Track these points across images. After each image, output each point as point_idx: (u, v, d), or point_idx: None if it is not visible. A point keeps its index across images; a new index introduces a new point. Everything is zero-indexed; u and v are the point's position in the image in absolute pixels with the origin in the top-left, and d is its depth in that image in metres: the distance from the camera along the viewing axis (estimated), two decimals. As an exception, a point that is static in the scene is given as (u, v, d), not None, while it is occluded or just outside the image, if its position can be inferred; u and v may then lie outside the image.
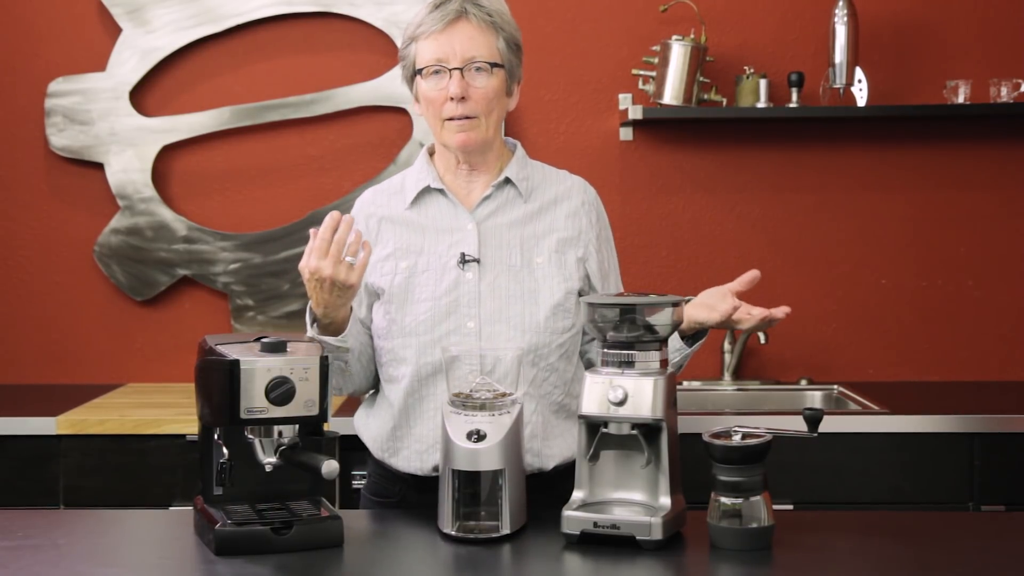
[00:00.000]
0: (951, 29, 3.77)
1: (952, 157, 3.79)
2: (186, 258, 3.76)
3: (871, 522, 2.15)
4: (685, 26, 3.67)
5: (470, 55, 2.23)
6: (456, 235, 2.29)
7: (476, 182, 2.33)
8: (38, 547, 1.99)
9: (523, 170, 2.35)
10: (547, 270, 2.29)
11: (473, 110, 2.23)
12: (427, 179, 2.33)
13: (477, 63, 2.23)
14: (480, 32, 2.24)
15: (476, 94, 2.23)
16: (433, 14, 2.23)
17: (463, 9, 2.23)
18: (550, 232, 2.32)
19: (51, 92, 3.72)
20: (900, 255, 3.81)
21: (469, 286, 2.26)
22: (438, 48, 2.23)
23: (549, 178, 2.39)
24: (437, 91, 2.24)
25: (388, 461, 2.32)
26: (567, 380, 2.32)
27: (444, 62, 2.22)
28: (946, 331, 3.81)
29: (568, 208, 2.35)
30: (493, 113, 2.27)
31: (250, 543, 1.93)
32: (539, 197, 2.35)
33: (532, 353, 2.25)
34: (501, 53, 2.26)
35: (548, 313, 2.26)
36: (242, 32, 3.76)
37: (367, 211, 2.35)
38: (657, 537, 1.93)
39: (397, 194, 2.36)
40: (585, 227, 2.35)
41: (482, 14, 2.24)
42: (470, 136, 2.25)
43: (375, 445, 2.34)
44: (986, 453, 3.16)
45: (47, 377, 3.79)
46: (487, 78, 2.24)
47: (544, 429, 2.28)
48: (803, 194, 3.80)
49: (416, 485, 2.30)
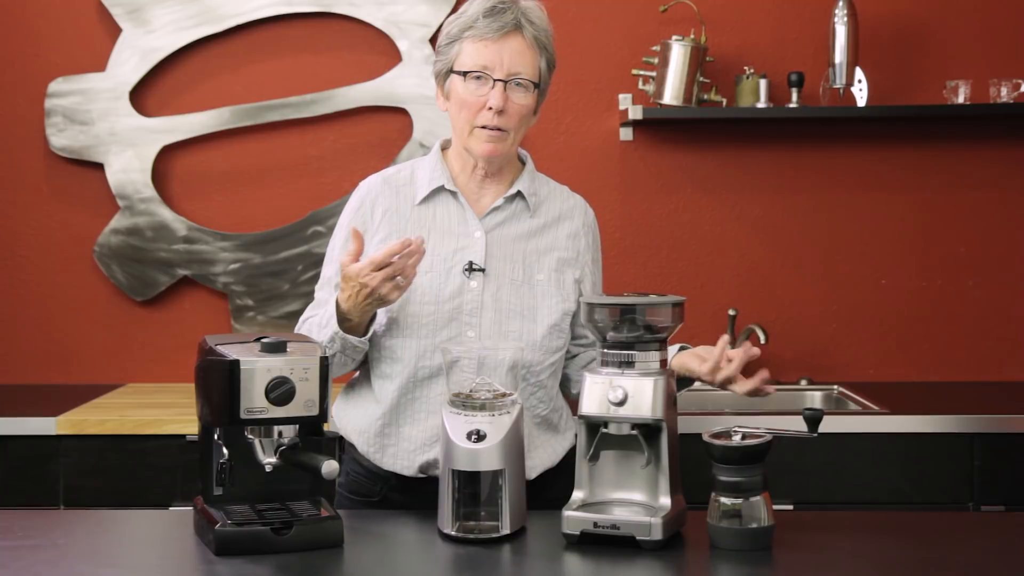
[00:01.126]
0: (951, 29, 3.77)
1: (952, 157, 3.79)
2: (186, 258, 3.76)
3: (871, 522, 2.15)
4: (685, 26, 3.67)
5: (516, 70, 2.23)
6: (463, 240, 2.30)
7: (488, 189, 2.34)
8: (38, 547, 1.99)
9: (533, 184, 2.37)
10: (546, 288, 2.31)
11: (507, 124, 2.24)
12: (441, 179, 2.32)
13: (520, 79, 2.24)
14: (529, 49, 2.25)
15: (513, 109, 2.24)
16: (489, 20, 2.22)
17: (519, 23, 2.23)
18: (551, 250, 2.34)
19: (51, 92, 3.72)
20: (900, 255, 3.81)
21: (473, 295, 2.27)
22: (487, 55, 2.22)
23: (554, 194, 2.40)
24: (476, 97, 2.24)
25: (373, 458, 2.32)
26: (552, 396, 2.35)
27: (490, 71, 2.23)
28: (946, 331, 3.81)
29: (570, 228, 2.37)
30: (521, 129, 2.29)
31: (250, 543, 1.93)
32: (544, 213, 2.36)
33: (524, 369, 2.26)
34: (541, 73, 2.28)
35: (545, 332, 2.29)
36: (242, 32, 3.76)
37: (374, 199, 2.34)
38: (657, 537, 1.94)
39: (406, 186, 2.35)
40: (583, 249, 2.38)
41: (534, 31, 2.25)
42: (497, 148, 2.26)
43: (361, 440, 2.33)
44: (986, 453, 3.16)
45: (47, 377, 3.79)
46: (525, 95, 2.25)
47: (528, 441, 2.28)
48: (803, 194, 3.80)
49: (399, 486, 2.30)
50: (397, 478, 2.30)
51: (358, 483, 2.36)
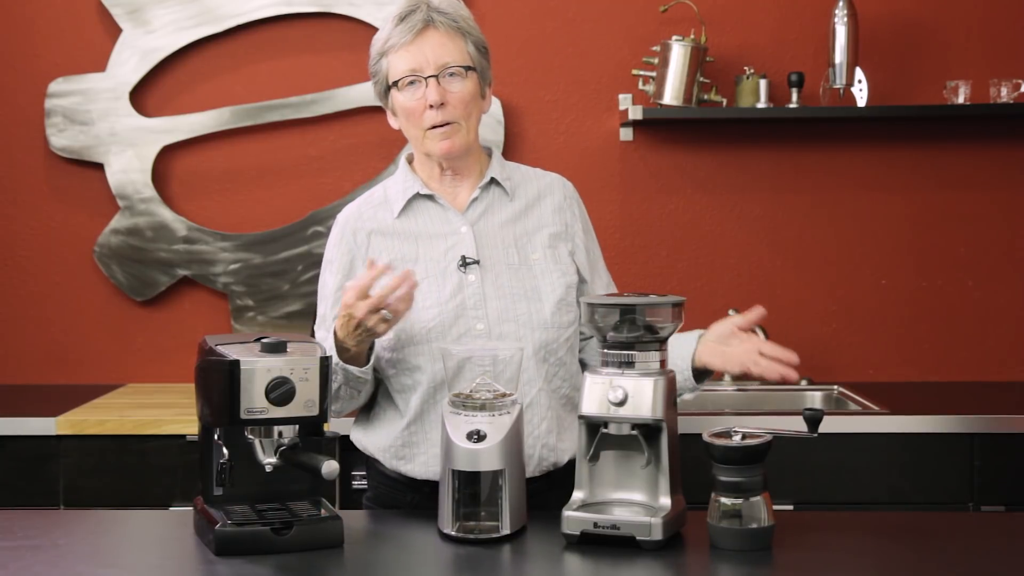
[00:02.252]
0: (951, 29, 3.77)
1: (952, 157, 3.79)
2: (186, 258, 3.76)
3: (871, 522, 2.15)
4: (685, 26, 3.67)
5: (443, 61, 2.25)
6: (451, 239, 2.30)
7: (461, 186, 2.35)
8: (38, 547, 1.99)
9: (504, 170, 2.38)
10: (544, 266, 2.31)
11: (453, 115, 2.25)
12: (414, 186, 2.34)
13: (451, 68, 2.25)
14: (449, 38, 2.26)
15: (454, 99, 2.25)
16: (400, 27, 2.25)
17: (429, 18, 2.25)
18: (540, 228, 2.35)
19: (51, 92, 3.72)
20: (900, 255, 3.81)
21: (473, 288, 2.27)
22: (410, 58, 2.25)
23: (528, 176, 2.42)
24: (415, 101, 2.25)
25: (402, 469, 2.30)
26: (573, 373, 2.35)
27: (418, 71, 2.24)
28: (946, 331, 3.81)
29: (552, 203, 2.38)
30: (472, 117, 2.29)
31: (250, 543, 1.93)
32: (523, 195, 2.38)
33: (543, 349, 2.27)
34: (472, 56, 2.29)
35: (553, 308, 2.29)
36: (242, 32, 3.76)
37: (354, 226, 2.35)
38: (657, 537, 1.94)
39: (382, 205, 2.36)
40: (570, 220, 2.39)
41: (448, 20, 2.27)
42: (454, 142, 2.27)
43: (386, 455, 2.32)
44: (986, 453, 3.16)
45: (47, 377, 3.79)
46: (462, 82, 2.26)
47: (558, 424, 2.30)
48: (803, 194, 3.80)
49: (431, 492, 2.28)
50: (429, 484, 2.25)
51: (388, 495, 2.35)
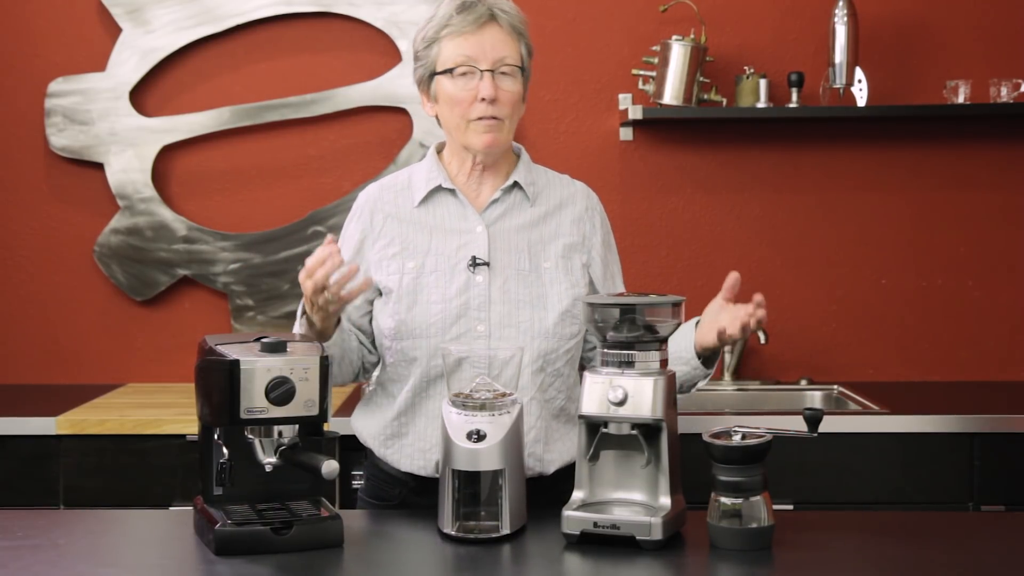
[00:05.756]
0: (951, 29, 3.77)
1: (952, 157, 3.79)
2: (186, 258, 3.76)
3: (871, 522, 2.15)
4: (685, 26, 3.67)
5: (501, 57, 2.24)
6: (465, 236, 2.30)
7: (485, 184, 2.34)
8: (38, 547, 1.99)
9: (530, 174, 2.37)
10: (555, 275, 2.30)
11: (501, 112, 2.25)
12: (438, 178, 2.33)
13: (507, 66, 2.25)
14: (508, 36, 2.26)
15: (504, 96, 2.25)
16: (463, 15, 2.24)
17: (493, 13, 2.25)
18: (556, 237, 2.34)
19: (51, 92, 3.72)
20: (900, 255, 3.81)
21: (479, 289, 2.26)
22: (469, 48, 2.23)
23: (553, 183, 2.40)
24: (466, 91, 2.24)
25: (389, 459, 2.32)
26: (570, 385, 2.34)
27: (475, 62, 2.23)
28: (946, 331, 3.81)
29: (573, 213, 2.37)
30: (514, 116, 2.30)
31: (250, 543, 1.93)
32: (545, 201, 2.36)
33: (541, 358, 2.26)
34: (523, 59, 2.29)
35: (557, 319, 2.28)
36: (242, 32, 3.76)
37: (372, 206, 2.35)
38: (657, 537, 1.94)
39: (404, 191, 2.36)
40: (589, 232, 2.37)
41: (509, 19, 2.27)
42: (497, 137, 2.26)
43: (375, 442, 2.34)
44: (986, 453, 3.16)
45: (47, 377, 3.79)
46: (513, 82, 2.26)
47: (546, 434, 2.29)
48: (803, 194, 3.80)
49: (417, 488, 2.30)
50: (415, 479, 2.30)
51: (377, 487, 2.37)
